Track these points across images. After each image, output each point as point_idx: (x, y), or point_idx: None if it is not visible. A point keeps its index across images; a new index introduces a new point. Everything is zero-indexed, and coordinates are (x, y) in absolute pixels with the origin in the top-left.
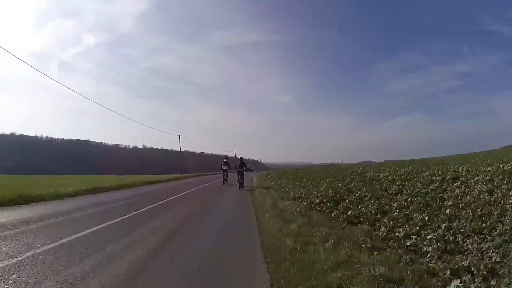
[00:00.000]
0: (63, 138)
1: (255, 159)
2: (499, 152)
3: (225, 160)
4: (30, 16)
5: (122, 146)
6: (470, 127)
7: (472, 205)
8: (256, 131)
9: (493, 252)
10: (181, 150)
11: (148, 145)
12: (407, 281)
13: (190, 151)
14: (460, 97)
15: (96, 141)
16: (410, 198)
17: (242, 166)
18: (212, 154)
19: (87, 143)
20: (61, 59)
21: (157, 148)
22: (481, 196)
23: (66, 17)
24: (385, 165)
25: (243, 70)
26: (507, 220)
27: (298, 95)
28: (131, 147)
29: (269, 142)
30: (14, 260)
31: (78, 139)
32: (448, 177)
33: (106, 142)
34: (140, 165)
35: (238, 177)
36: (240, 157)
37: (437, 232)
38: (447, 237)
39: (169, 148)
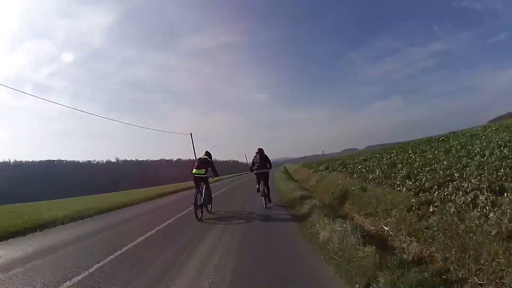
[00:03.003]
0: (32, 161)
1: (235, 159)
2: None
3: (204, 157)
4: (0, 40)
5: (95, 162)
6: (449, 104)
7: None
8: (235, 131)
9: None
10: (157, 159)
11: (122, 158)
12: None
13: (167, 159)
14: (437, 76)
15: (68, 160)
16: None
17: (264, 163)
18: (189, 159)
19: (58, 163)
20: (35, 80)
21: (131, 160)
22: None
23: (37, 38)
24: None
25: (217, 73)
26: None
27: (274, 92)
28: (104, 162)
29: (248, 141)
30: None
31: (48, 160)
32: None
33: (77, 160)
34: (113, 180)
35: (259, 184)
36: (260, 149)
37: None
38: None
39: (144, 159)
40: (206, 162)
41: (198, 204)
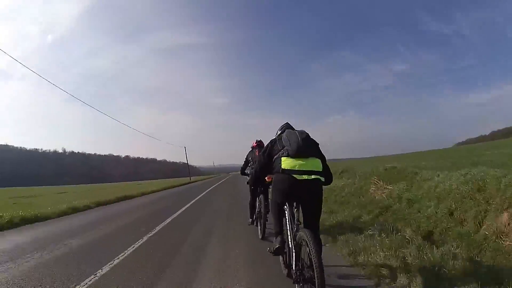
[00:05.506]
0: None
1: (185, 162)
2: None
3: (307, 134)
4: None
5: (41, 151)
6: (410, 124)
7: None
8: (191, 132)
9: None
10: (105, 154)
11: (69, 149)
12: None
13: (115, 154)
14: (397, 95)
15: (14, 146)
16: None
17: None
18: (139, 157)
19: (3, 147)
20: None
21: (78, 153)
22: None
23: (2, 22)
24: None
25: (178, 73)
26: None
27: (233, 96)
28: (51, 151)
29: (203, 144)
30: None
31: None
32: None
33: (24, 147)
34: (56, 173)
35: (254, 203)
36: (259, 142)
37: None
38: None
39: (92, 152)
40: (316, 144)
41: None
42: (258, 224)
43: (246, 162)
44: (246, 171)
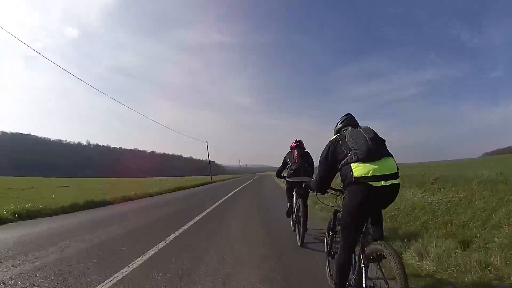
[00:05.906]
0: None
1: (212, 160)
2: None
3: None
4: None
5: (65, 142)
6: (435, 133)
7: None
8: (216, 130)
9: None
10: (130, 148)
11: (93, 142)
12: None
13: (141, 149)
14: (423, 104)
15: (38, 135)
16: None
17: (306, 166)
18: (165, 153)
19: (24, 137)
20: (26, 52)
21: (103, 146)
22: None
23: (33, 11)
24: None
25: (205, 71)
26: None
27: (258, 97)
28: (75, 143)
29: (229, 143)
30: None
31: (18, 133)
32: None
33: (48, 137)
34: (77, 164)
35: (291, 201)
36: (298, 142)
37: None
38: None
39: (117, 146)
40: (383, 141)
41: None
42: (296, 229)
43: (284, 164)
44: (282, 174)
